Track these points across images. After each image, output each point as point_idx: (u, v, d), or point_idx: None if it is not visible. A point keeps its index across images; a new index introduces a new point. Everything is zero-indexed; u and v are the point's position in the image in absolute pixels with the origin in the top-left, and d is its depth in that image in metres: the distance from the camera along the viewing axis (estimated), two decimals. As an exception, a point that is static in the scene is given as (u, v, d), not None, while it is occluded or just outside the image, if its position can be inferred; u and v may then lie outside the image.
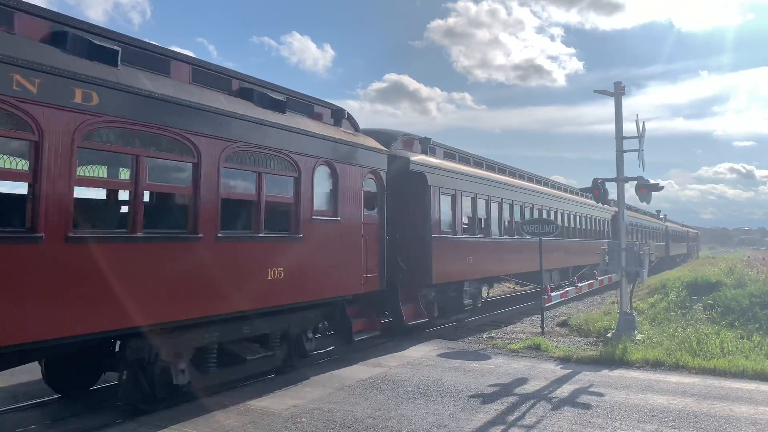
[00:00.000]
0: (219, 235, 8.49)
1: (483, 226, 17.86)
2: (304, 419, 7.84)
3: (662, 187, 15.07)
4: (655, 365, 11.45)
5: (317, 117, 11.38)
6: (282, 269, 9.63)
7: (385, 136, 14.37)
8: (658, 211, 53.75)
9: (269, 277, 9.40)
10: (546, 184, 25.84)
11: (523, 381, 10.21)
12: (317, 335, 11.68)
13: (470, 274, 16.72)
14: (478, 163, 19.20)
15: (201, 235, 8.22)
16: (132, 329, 7.54)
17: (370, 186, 12.46)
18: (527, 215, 21.33)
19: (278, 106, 10.11)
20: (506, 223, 19.74)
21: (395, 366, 11.24)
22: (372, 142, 12.72)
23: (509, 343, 13.84)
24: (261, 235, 9.35)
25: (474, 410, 8.35)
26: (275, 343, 10.11)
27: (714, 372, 10.89)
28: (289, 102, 10.52)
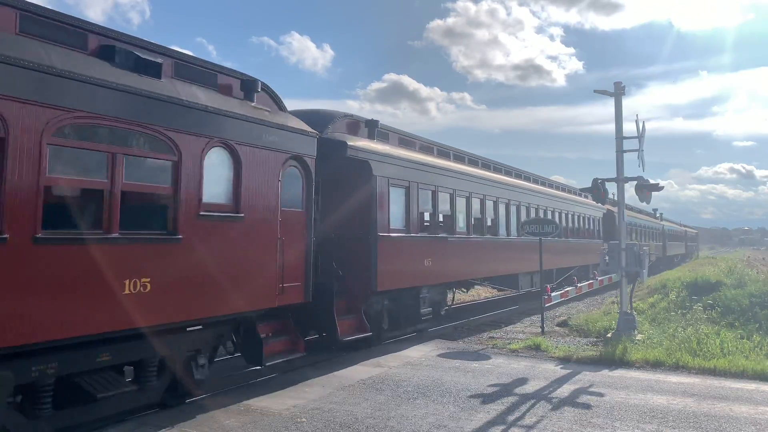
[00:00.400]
0: (39, 235, 6.29)
1: (447, 223, 15.85)
2: (304, 419, 7.84)
3: (662, 187, 15.10)
4: (655, 365, 11.45)
5: (224, 90, 9.18)
6: (148, 280, 7.44)
7: (318, 117, 12.29)
8: (655, 210, 53.22)
9: (126, 291, 7.18)
10: (527, 179, 23.57)
11: (523, 381, 10.21)
12: (227, 355, 9.85)
13: (430, 278, 14.56)
14: (444, 152, 16.94)
15: (6, 236, 6.01)
16: None
17: (293, 175, 10.25)
18: (503, 212, 19.37)
19: (151, 70, 7.87)
20: (476, 220, 17.64)
21: (395, 366, 11.24)
22: (295, 122, 10.49)
23: (509, 343, 13.84)
24: (114, 235, 7.09)
25: (474, 410, 8.35)
26: (150, 373, 7.96)
27: (714, 372, 10.90)
28: (178, 67, 8.40)
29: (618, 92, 15.32)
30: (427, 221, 15.17)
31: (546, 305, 17.71)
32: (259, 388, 9.48)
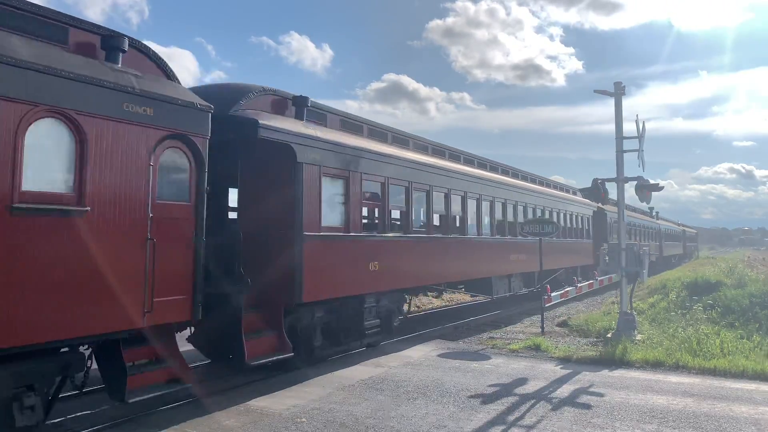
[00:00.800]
0: None
1: (402, 221, 13.98)
2: (304, 419, 7.84)
3: (662, 187, 15.11)
4: (655, 365, 11.45)
5: (79, 48, 7.28)
6: None
7: (227, 92, 10.26)
8: (651, 208, 51.92)
9: None
10: (505, 172, 21.25)
11: (523, 381, 10.21)
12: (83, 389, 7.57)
13: (376, 284, 12.34)
14: (401, 140, 14.72)
15: None
16: None
17: (175, 160, 8.11)
18: (473, 209, 17.24)
19: None
20: (440, 218, 15.72)
21: (395, 366, 11.24)
22: (178, 92, 8.23)
23: (509, 344, 13.84)
24: None
25: (474, 410, 8.35)
26: None
27: (714, 372, 10.90)
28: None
29: (618, 92, 15.32)
30: (374, 219, 13.69)
31: (546, 305, 17.70)
32: (259, 388, 9.48)
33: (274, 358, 9.81)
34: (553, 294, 19.86)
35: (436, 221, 15.43)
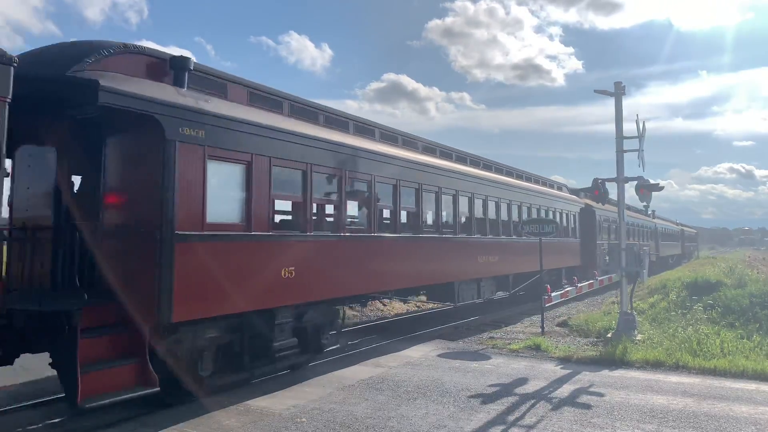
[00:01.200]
0: None
1: (335, 217, 11.73)
2: (304, 419, 7.84)
3: (662, 187, 15.13)
4: (656, 365, 11.45)
5: None
6: None
7: (73, 50, 7.97)
8: (646, 207, 49.34)
9: None
10: (475, 164, 18.62)
11: (523, 381, 10.21)
12: None
13: (294, 295, 10.08)
14: (338, 122, 12.19)
15: None
16: None
17: None
18: (428, 204, 15.08)
19: None
20: (385, 214, 13.65)
21: (395, 366, 11.24)
22: None
23: (509, 344, 13.84)
24: None
25: (474, 410, 8.35)
26: None
27: (714, 372, 10.90)
28: None
29: (618, 92, 15.32)
30: (287, 214, 11.67)
31: (546, 305, 17.70)
32: (259, 388, 9.48)
33: (124, 396, 7.40)
34: (553, 294, 19.86)
35: (379, 218, 12.94)
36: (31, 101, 7.32)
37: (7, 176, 7.16)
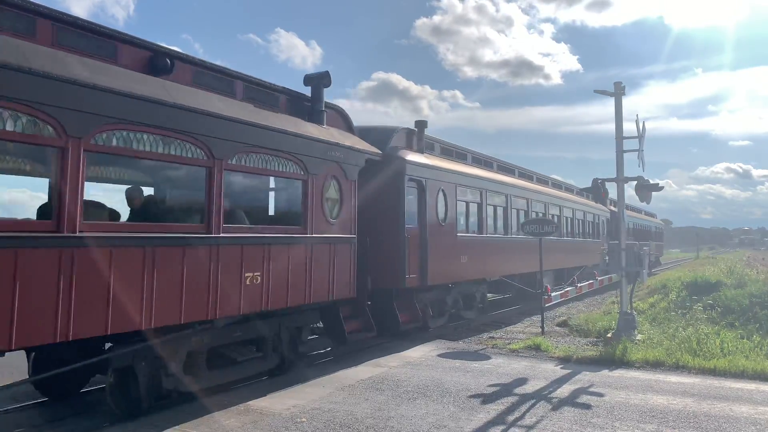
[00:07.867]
0: None
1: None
2: (304, 419, 7.84)
3: (662, 187, 15.11)
4: (655, 365, 11.45)
5: None
6: None
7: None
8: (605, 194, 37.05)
9: None
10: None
11: (523, 381, 10.21)
12: None
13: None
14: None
15: None
16: None
17: None
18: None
19: None
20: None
21: (395, 366, 11.24)
22: None
23: (509, 343, 13.84)
24: None
25: (474, 410, 8.35)
26: None
27: (714, 372, 10.89)
28: None
29: (618, 92, 15.31)
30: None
31: (546, 305, 17.70)
32: (259, 388, 9.48)
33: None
34: (553, 294, 19.87)
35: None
36: None
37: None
